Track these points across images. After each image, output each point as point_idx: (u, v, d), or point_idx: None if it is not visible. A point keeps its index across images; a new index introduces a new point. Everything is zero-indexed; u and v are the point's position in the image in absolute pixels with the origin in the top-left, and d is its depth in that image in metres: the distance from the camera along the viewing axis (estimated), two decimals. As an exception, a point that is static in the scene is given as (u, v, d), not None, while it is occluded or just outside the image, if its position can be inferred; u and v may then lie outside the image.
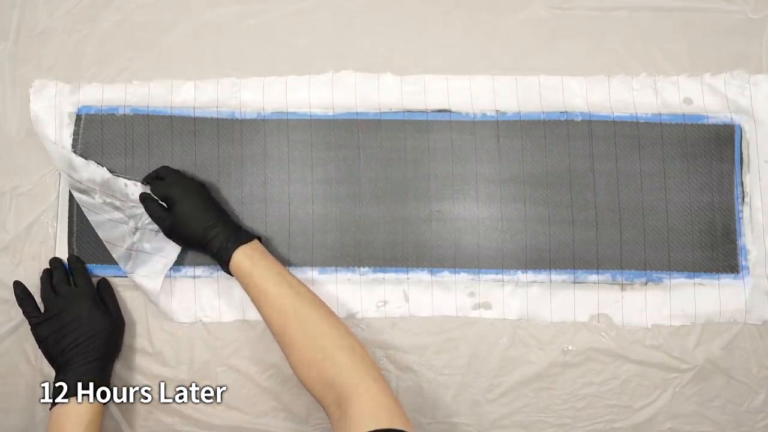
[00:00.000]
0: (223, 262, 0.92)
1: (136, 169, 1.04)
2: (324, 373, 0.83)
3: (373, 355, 1.00)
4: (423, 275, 1.03)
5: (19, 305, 0.98)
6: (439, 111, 1.06)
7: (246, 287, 0.92)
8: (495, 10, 1.10)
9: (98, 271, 1.03)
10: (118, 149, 1.05)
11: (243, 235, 0.94)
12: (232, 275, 0.94)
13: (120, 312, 1.00)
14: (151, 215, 0.97)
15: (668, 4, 1.09)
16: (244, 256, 0.92)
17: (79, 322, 0.94)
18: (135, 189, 1.01)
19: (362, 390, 0.80)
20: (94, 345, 0.93)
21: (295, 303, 0.88)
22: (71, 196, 1.04)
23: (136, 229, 1.00)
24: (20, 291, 0.99)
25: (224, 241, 0.93)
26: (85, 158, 1.03)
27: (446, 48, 1.09)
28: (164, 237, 0.98)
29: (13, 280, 1.00)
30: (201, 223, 0.94)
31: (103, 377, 0.93)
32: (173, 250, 1.00)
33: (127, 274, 1.00)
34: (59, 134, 1.04)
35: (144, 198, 0.99)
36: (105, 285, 1.01)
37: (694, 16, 1.09)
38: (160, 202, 0.98)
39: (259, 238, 0.96)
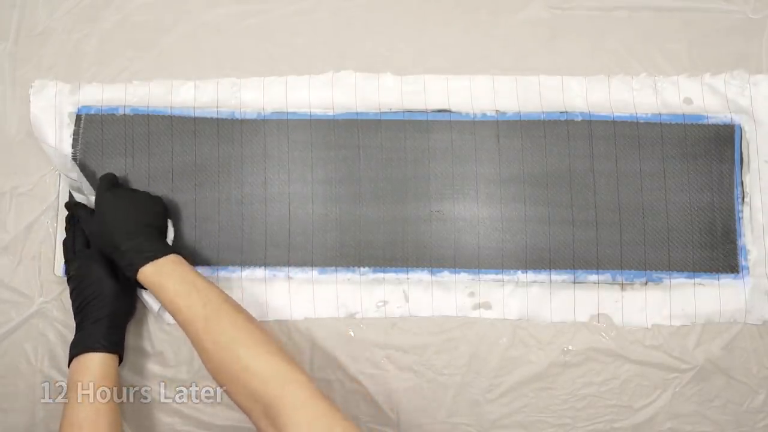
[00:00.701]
0: (131, 277, 0.91)
1: (136, 169, 1.04)
2: (245, 385, 0.81)
3: (373, 356, 1.00)
4: (423, 275, 1.04)
5: (66, 261, 1.00)
6: (439, 111, 1.07)
7: (160, 302, 0.91)
8: (495, 10, 1.10)
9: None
10: (118, 149, 1.05)
11: (154, 251, 0.92)
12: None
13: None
14: (80, 220, 0.98)
15: (668, 4, 1.09)
16: (152, 271, 0.90)
17: (87, 283, 0.95)
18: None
19: (289, 400, 0.78)
20: (100, 305, 0.94)
21: (206, 314, 0.86)
22: (71, 197, 1.04)
23: None
24: (66, 251, 1.00)
25: (134, 255, 0.91)
26: (85, 158, 1.04)
27: (446, 48, 1.09)
28: None
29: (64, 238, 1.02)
30: (116, 234, 0.93)
31: (109, 336, 0.93)
32: None
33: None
34: (59, 134, 1.04)
35: (72, 204, 1.00)
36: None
37: (694, 16, 1.09)
38: (86, 206, 0.99)
39: (184, 256, 0.95)
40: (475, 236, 1.05)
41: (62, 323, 1.02)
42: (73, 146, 1.05)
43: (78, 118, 1.06)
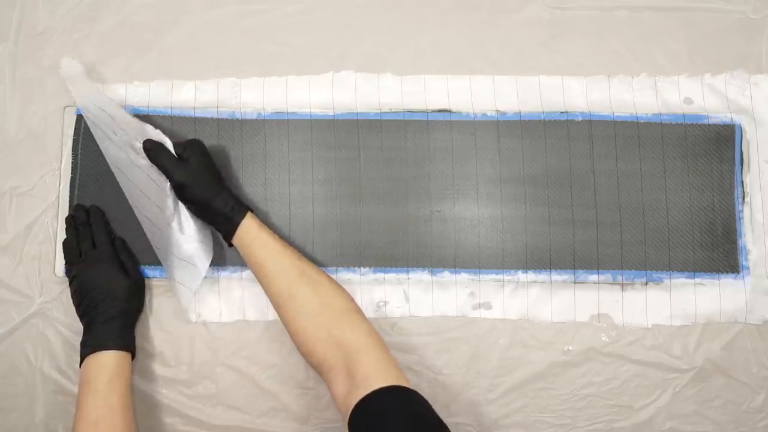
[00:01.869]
0: (232, 224, 0.95)
1: None
2: (333, 333, 0.87)
3: None
4: (423, 275, 1.04)
5: (66, 262, 1.01)
6: (440, 111, 1.07)
7: (252, 252, 0.94)
8: (495, 10, 1.10)
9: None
10: None
11: (246, 205, 0.98)
12: (230, 244, 0.97)
13: (137, 270, 1.02)
14: (158, 164, 0.96)
15: (668, 4, 1.10)
16: (252, 220, 0.95)
17: (96, 284, 0.96)
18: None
19: (370, 350, 0.85)
20: (111, 305, 0.95)
21: (303, 266, 0.93)
22: (71, 196, 1.05)
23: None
24: (66, 252, 1.01)
25: (235, 204, 0.96)
26: (86, 159, 1.05)
27: (446, 48, 1.09)
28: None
29: (63, 239, 1.03)
30: (213, 182, 0.96)
31: (122, 334, 0.95)
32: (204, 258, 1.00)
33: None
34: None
35: (151, 143, 0.98)
36: (122, 244, 1.03)
37: (694, 16, 1.10)
38: (171, 152, 0.98)
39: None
40: (476, 236, 1.05)
41: (62, 323, 1.02)
42: (74, 146, 1.06)
43: (78, 118, 1.06)
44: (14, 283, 1.04)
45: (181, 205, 0.98)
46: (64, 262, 1.03)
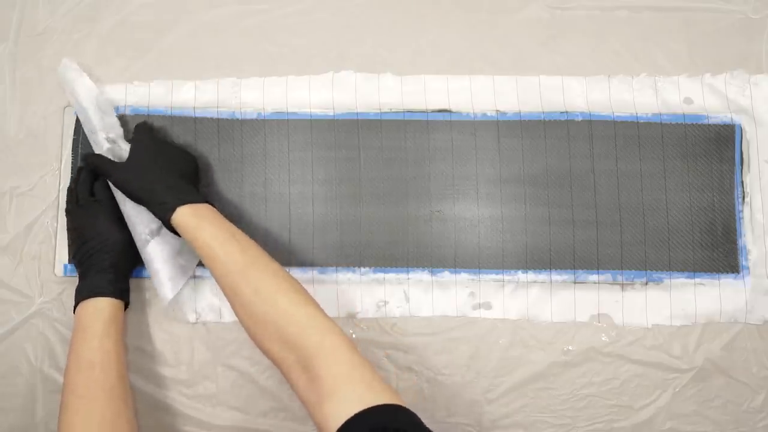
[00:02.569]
0: (165, 217, 0.91)
1: None
2: (281, 331, 0.81)
3: (373, 355, 1.02)
4: (423, 275, 1.05)
5: (65, 211, 1.02)
6: (440, 111, 1.08)
7: (193, 246, 0.90)
8: (495, 10, 1.11)
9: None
10: None
11: (192, 197, 0.93)
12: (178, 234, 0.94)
13: None
14: (99, 170, 0.97)
15: (668, 3, 1.10)
16: (190, 212, 0.91)
17: (93, 234, 0.97)
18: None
19: (328, 349, 0.79)
20: (106, 256, 0.96)
21: (246, 261, 0.87)
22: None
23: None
24: (68, 199, 1.02)
25: (167, 198, 0.92)
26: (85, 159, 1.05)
27: (446, 48, 1.10)
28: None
29: (68, 187, 1.04)
30: (150, 177, 0.94)
31: (116, 283, 0.96)
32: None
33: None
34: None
35: (83, 159, 1.00)
36: None
37: (694, 16, 1.10)
38: (105, 157, 0.98)
39: (213, 206, 0.95)
40: (476, 236, 1.06)
41: (62, 323, 1.03)
42: (74, 146, 1.06)
43: (79, 118, 1.06)
44: (14, 283, 1.04)
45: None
46: (64, 261, 1.04)
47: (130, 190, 0.95)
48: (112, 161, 0.97)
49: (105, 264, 0.96)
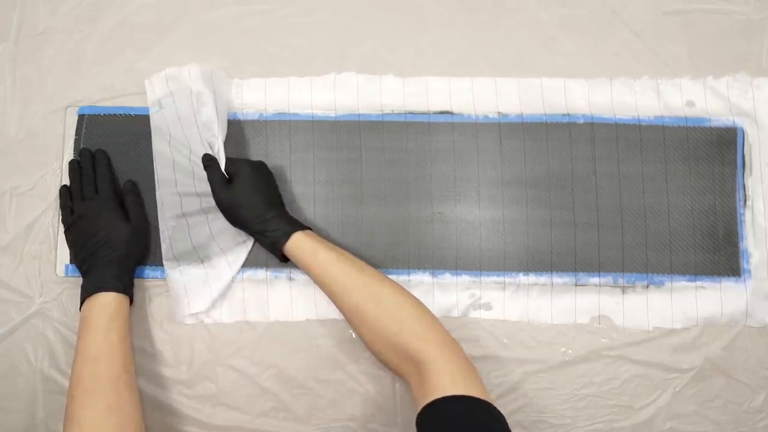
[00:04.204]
0: (280, 243, 0.99)
1: (138, 172, 1.10)
2: (402, 345, 0.90)
3: (373, 356, 1.03)
4: (424, 277, 1.09)
5: (61, 208, 1.07)
6: (441, 112, 1.12)
7: (308, 269, 0.99)
8: (495, 11, 1.15)
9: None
10: (119, 150, 1.11)
11: (299, 223, 1.02)
12: (285, 261, 1.03)
13: (141, 217, 1.07)
14: (211, 181, 1.03)
15: (669, 5, 1.15)
16: (304, 239, 0.99)
17: (97, 228, 1.02)
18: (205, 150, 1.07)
19: (442, 360, 0.87)
20: (112, 248, 1.02)
21: (364, 279, 0.96)
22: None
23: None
24: (63, 198, 1.08)
25: (284, 224, 1.00)
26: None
27: (447, 49, 1.14)
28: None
29: (62, 185, 1.09)
30: (260, 201, 1.02)
31: (120, 278, 1.01)
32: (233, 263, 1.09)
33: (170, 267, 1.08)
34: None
35: (208, 160, 1.04)
36: (130, 188, 1.09)
37: (694, 18, 1.14)
38: (223, 172, 1.04)
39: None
40: (477, 238, 1.10)
41: (62, 323, 1.07)
42: (75, 147, 1.11)
43: (80, 118, 1.12)
44: (14, 283, 1.08)
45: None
46: (65, 261, 1.08)
47: (235, 215, 1.02)
48: (224, 179, 1.03)
49: (110, 258, 1.01)
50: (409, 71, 1.14)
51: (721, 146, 1.11)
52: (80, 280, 1.03)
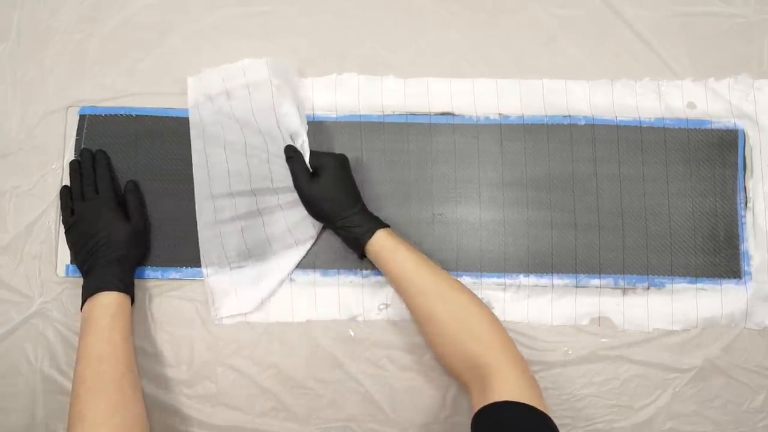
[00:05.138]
0: (363, 239, 1.02)
1: (139, 172, 1.13)
2: (469, 352, 0.93)
3: (373, 356, 1.08)
4: None
5: (61, 209, 1.09)
6: (442, 114, 1.14)
7: (386, 267, 1.02)
8: (496, 12, 1.17)
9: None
10: (121, 150, 1.14)
11: (381, 221, 1.05)
12: (363, 257, 1.06)
13: (141, 217, 1.10)
14: (294, 173, 1.06)
15: (669, 7, 1.17)
16: (386, 236, 1.02)
17: (97, 229, 1.04)
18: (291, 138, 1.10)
19: (506, 369, 0.89)
20: (113, 248, 1.04)
21: (440, 284, 0.98)
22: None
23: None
24: (63, 199, 1.10)
25: (367, 220, 1.03)
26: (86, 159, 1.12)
27: (448, 50, 1.17)
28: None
29: (62, 186, 1.12)
30: (345, 197, 1.05)
31: (122, 277, 1.03)
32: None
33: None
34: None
35: (292, 151, 1.08)
36: (131, 188, 1.11)
37: (695, 20, 1.17)
38: (307, 165, 1.07)
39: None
40: (478, 239, 1.12)
41: (62, 323, 1.09)
42: (76, 147, 1.13)
43: (81, 118, 1.14)
44: (14, 283, 1.11)
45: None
46: (66, 261, 1.11)
47: (319, 209, 1.05)
48: (308, 172, 1.06)
49: (110, 258, 1.03)
50: (409, 71, 1.16)
51: (722, 148, 1.13)
52: (80, 281, 1.05)
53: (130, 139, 1.14)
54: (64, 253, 1.11)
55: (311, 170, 1.06)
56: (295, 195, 1.07)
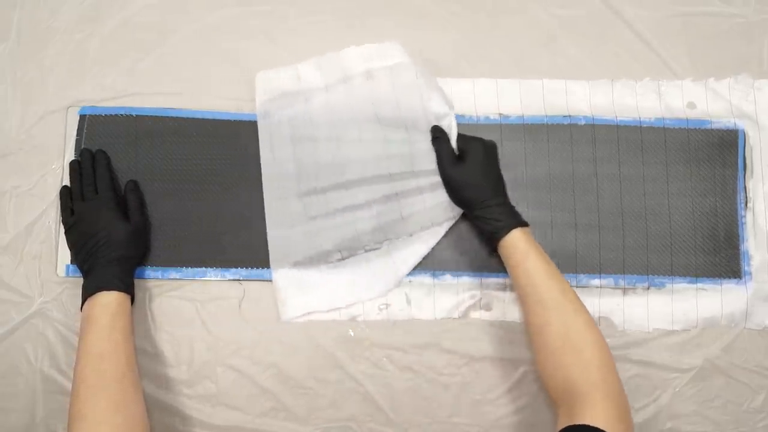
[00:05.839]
0: (499, 234, 1.00)
1: (140, 172, 1.14)
2: (569, 375, 0.90)
3: (373, 356, 1.08)
4: (425, 278, 1.11)
5: (61, 209, 1.10)
6: None
7: (513, 269, 1.00)
8: (496, 12, 1.18)
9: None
10: (121, 150, 1.14)
11: (520, 217, 1.03)
12: (493, 252, 1.04)
13: (141, 217, 1.10)
14: (438, 154, 1.07)
15: (670, 7, 1.18)
16: (522, 237, 1.00)
17: (97, 229, 1.05)
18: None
19: (602, 404, 0.87)
20: (112, 247, 1.04)
21: (562, 301, 0.95)
22: None
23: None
24: (63, 199, 1.10)
25: (507, 215, 1.02)
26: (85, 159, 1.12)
27: (448, 50, 1.17)
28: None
29: (62, 186, 1.12)
30: (489, 185, 1.04)
31: (122, 277, 1.03)
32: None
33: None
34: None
35: (439, 132, 1.09)
36: (132, 188, 1.11)
37: (696, 20, 1.17)
38: (453, 147, 1.07)
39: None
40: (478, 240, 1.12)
41: (62, 323, 1.09)
42: (76, 146, 1.14)
43: (81, 118, 1.14)
44: (14, 283, 1.11)
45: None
46: (66, 261, 1.11)
47: (460, 194, 1.05)
48: (454, 154, 1.06)
49: (110, 257, 1.03)
50: (409, 72, 1.15)
51: (722, 148, 1.14)
52: (80, 281, 1.05)
53: (130, 139, 1.15)
54: (64, 253, 1.12)
55: (457, 153, 1.06)
56: (431, 179, 1.09)
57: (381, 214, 1.10)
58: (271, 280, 1.12)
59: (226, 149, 1.15)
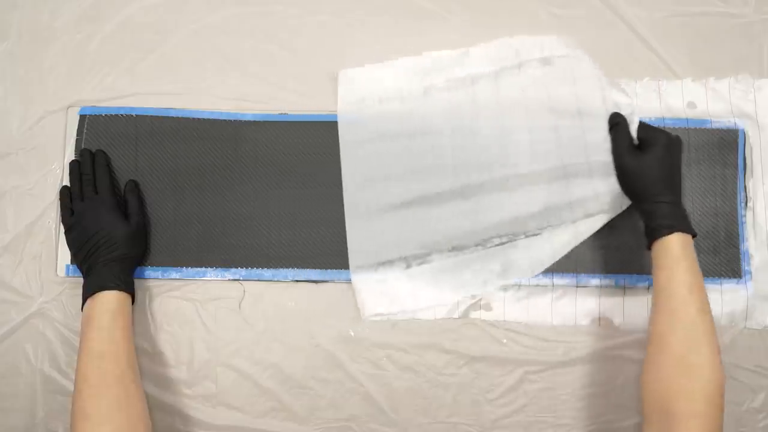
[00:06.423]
0: (656, 235, 0.97)
1: (140, 172, 1.14)
2: (671, 397, 0.89)
3: (373, 356, 1.09)
4: None
5: (61, 209, 1.10)
6: None
7: (657, 273, 0.97)
8: (496, 12, 1.18)
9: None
10: (121, 150, 1.14)
11: (688, 225, 0.98)
12: (647, 250, 1.00)
13: (141, 217, 1.10)
14: (615, 141, 1.06)
15: (670, 7, 1.18)
16: (679, 243, 0.96)
17: (96, 228, 1.05)
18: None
19: (692, 427, 0.87)
20: (111, 249, 1.04)
21: (693, 320, 0.93)
22: None
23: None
24: (63, 199, 1.11)
25: (674, 217, 0.98)
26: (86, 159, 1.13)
27: (447, 49, 1.17)
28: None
29: (62, 186, 1.12)
30: (665, 179, 1.01)
31: (122, 276, 1.04)
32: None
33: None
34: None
35: (617, 116, 1.07)
36: (132, 188, 1.12)
37: (695, 20, 1.17)
38: (632, 135, 1.05)
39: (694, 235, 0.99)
40: None
41: (62, 323, 1.10)
42: (76, 146, 1.14)
43: (81, 118, 1.15)
44: (14, 283, 1.11)
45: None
46: (66, 261, 1.11)
47: (632, 183, 1.03)
48: (632, 142, 1.05)
49: (110, 257, 1.04)
50: (409, 71, 1.15)
51: (722, 148, 1.14)
52: (80, 281, 1.06)
53: (130, 139, 1.15)
54: (64, 253, 1.12)
55: (636, 143, 1.05)
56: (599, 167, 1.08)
57: (547, 199, 1.10)
58: (271, 281, 1.13)
59: (226, 149, 1.16)
